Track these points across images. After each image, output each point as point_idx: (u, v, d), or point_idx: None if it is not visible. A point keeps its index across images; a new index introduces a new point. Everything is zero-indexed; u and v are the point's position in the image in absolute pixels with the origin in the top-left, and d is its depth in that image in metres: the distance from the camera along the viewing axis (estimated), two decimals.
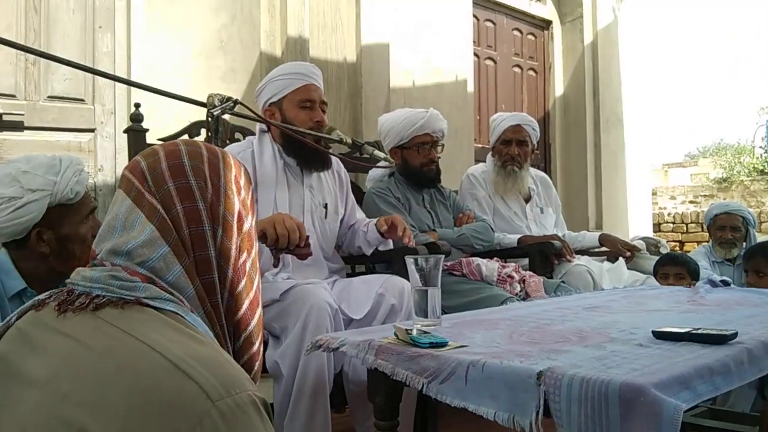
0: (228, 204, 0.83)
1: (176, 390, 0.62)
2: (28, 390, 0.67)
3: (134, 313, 0.71)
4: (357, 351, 1.26)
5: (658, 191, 10.95)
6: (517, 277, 2.34)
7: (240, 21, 3.20)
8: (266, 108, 2.04)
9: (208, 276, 0.80)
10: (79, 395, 0.63)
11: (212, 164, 0.84)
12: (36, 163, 1.43)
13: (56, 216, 1.42)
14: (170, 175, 0.81)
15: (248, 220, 0.87)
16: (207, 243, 0.80)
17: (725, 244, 3.26)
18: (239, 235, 0.84)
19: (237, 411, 0.62)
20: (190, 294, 0.77)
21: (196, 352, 0.66)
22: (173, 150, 0.84)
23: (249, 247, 0.86)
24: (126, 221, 0.79)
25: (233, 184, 0.85)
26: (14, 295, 1.40)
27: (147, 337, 0.67)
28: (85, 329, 0.69)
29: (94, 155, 2.78)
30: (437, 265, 1.38)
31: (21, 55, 2.57)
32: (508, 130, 2.93)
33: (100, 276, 0.74)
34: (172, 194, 0.80)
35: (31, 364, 0.69)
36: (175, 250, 0.77)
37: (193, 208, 0.80)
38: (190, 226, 0.79)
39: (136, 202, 0.80)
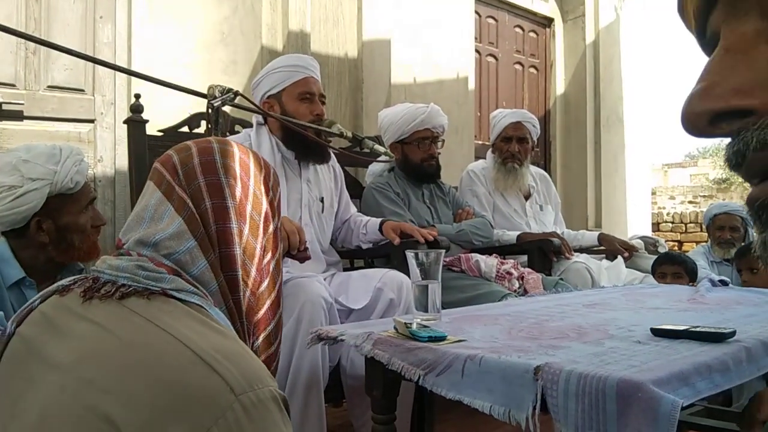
0: (256, 204, 0.84)
1: (200, 382, 0.62)
2: (51, 372, 0.67)
3: (160, 304, 0.71)
4: (355, 341, 1.27)
5: (658, 191, 10.96)
6: (516, 274, 2.34)
7: (242, 13, 3.19)
8: (265, 100, 2.03)
9: (232, 273, 0.81)
10: (105, 382, 0.63)
11: (243, 164, 0.85)
12: (36, 152, 1.43)
13: (56, 205, 1.42)
14: (202, 171, 0.82)
15: (274, 222, 0.87)
16: (233, 240, 0.81)
17: (724, 245, 3.26)
18: (265, 236, 0.85)
19: (259, 406, 0.63)
20: (213, 289, 0.78)
21: (221, 345, 0.67)
22: (206, 147, 0.85)
23: (273, 248, 0.87)
24: (155, 213, 0.80)
25: (262, 185, 0.86)
26: (13, 283, 1.40)
27: (172, 328, 0.67)
28: (110, 317, 0.70)
29: (93, 146, 2.77)
30: (438, 260, 1.37)
31: (21, 44, 2.56)
32: (508, 127, 2.93)
33: (127, 265, 0.75)
34: (202, 190, 0.81)
35: (55, 347, 0.70)
36: (201, 245, 0.78)
37: (221, 205, 0.81)
38: (218, 222, 0.80)
39: (166, 195, 0.81)
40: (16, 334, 0.74)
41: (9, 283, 1.40)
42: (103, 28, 2.79)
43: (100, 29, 2.78)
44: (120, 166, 2.78)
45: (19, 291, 1.41)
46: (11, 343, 0.74)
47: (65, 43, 2.14)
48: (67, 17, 2.69)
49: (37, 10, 2.60)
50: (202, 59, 3.03)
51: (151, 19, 2.88)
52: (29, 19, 2.58)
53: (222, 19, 3.12)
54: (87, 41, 2.74)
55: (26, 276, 1.42)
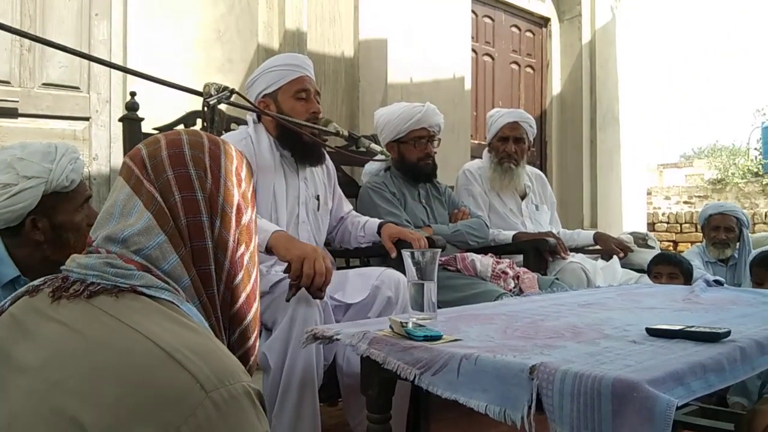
0: (227, 195, 0.82)
1: (169, 379, 0.61)
2: (20, 377, 0.66)
3: (129, 302, 0.70)
4: (351, 340, 1.26)
5: (653, 191, 10.98)
6: (512, 273, 2.34)
7: (238, 11, 3.18)
8: (260, 99, 2.02)
9: (205, 267, 0.79)
10: (71, 383, 0.62)
11: (213, 154, 0.83)
12: (31, 150, 1.42)
13: (51, 204, 1.41)
14: (170, 163, 0.80)
15: (248, 213, 0.86)
16: (204, 233, 0.79)
17: (719, 245, 3.27)
18: (237, 228, 0.83)
19: (231, 402, 0.62)
20: (185, 284, 0.77)
21: (191, 342, 0.66)
22: (174, 139, 0.83)
23: (248, 240, 0.85)
24: (124, 208, 0.79)
25: (234, 176, 0.84)
26: (8, 282, 1.39)
27: (141, 326, 0.66)
28: (78, 317, 0.69)
29: (88, 144, 2.76)
30: (434, 259, 1.37)
31: (16, 42, 2.55)
32: (505, 126, 2.93)
33: (95, 263, 0.74)
34: (170, 183, 0.79)
35: (24, 350, 0.68)
36: (171, 239, 0.77)
37: (191, 198, 0.79)
38: (188, 215, 0.79)
39: (134, 190, 0.79)
40: None
41: (4, 282, 1.39)
42: (99, 25, 2.78)
43: (95, 26, 2.77)
44: (115, 164, 2.77)
45: (14, 290, 1.38)
46: None
47: (60, 40, 2.14)
48: (63, 14, 2.67)
49: (32, 7, 2.59)
50: (198, 57, 3.03)
51: (146, 17, 2.87)
52: (24, 16, 2.57)
53: (218, 17, 3.11)
54: (82, 38, 2.73)
55: (21, 275, 1.41)
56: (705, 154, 17.74)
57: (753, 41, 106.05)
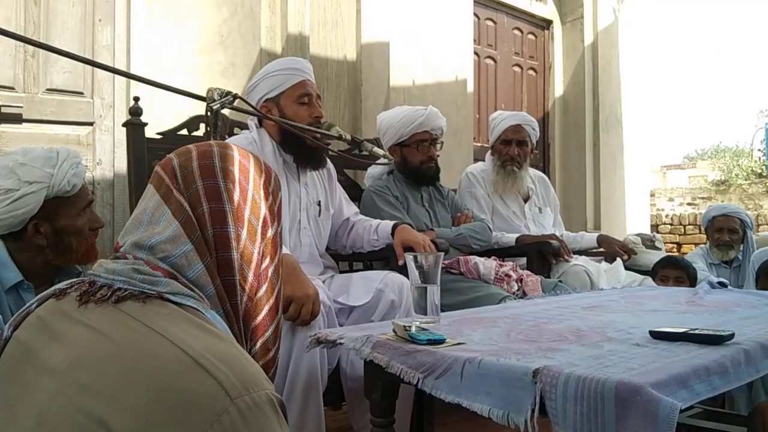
0: (254, 208, 0.84)
1: (195, 386, 0.62)
2: (46, 377, 0.67)
3: (155, 308, 0.71)
4: (354, 344, 1.26)
5: (656, 193, 10.96)
6: (515, 276, 2.34)
7: (241, 16, 3.19)
8: (262, 104, 2.02)
9: (230, 277, 0.80)
10: (99, 386, 0.63)
11: (243, 167, 0.85)
12: (33, 155, 1.42)
13: (53, 208, 1.42)
14: (200, 174, 0.82)
15: (273, 227, 0.87)
16: (230, 244, 0.80)
17: (723, 247, 3.26)
18: (263, 241, 0.84)
19: (255, 409, 0.62)
20: (210, 293, 0.78)
21: (216, 349, 0.66)
22: (205, 150, 0.85)
23: (272, 254, 0.86)
24: (152, 216, 0.80)
25: (261, 190, 0.86)
26: (11, 287, 1.40)
27: (168, 332, 0.67)
28: (106, 321, 0.69)
29: (92, 149, 2.77)
30: (437, 263, 1.37)
31: (20, 47, 2.56)
32: (508, 129, 2.92)
33: (123, 269, 0.75)
34: (200, 193, 0.81)
35: (51, 352, 0.69)
36: (198, 249, 0.78)
37: (219, 209, 0.80)
38: (215, 226, 0.80)
39: (164, 198, 0.81)
40: (13, 338, 0.74)
41: (7, 287, 1.39)
42: (102, 31, 2.79)
43: (99, 32, 2.78)
44: (119, 169, 2.77)
45: (17, 294, 1.41)
46: (8, 347, 0.74)
47: (64, 46, 2.15)
48: (66, 20, 2.69)
49: (36, 13, 2.60)
50: (201, 62, 3.03)
51: (149, 22, 2.88)
52: (28, 22, 2.58)
53: (221, 21, 3.12)
54: (86, 44, 2.74)
55: (24, 279, 1.41)
56: (708, 156, 17.71)
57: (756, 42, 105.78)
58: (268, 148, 2.01)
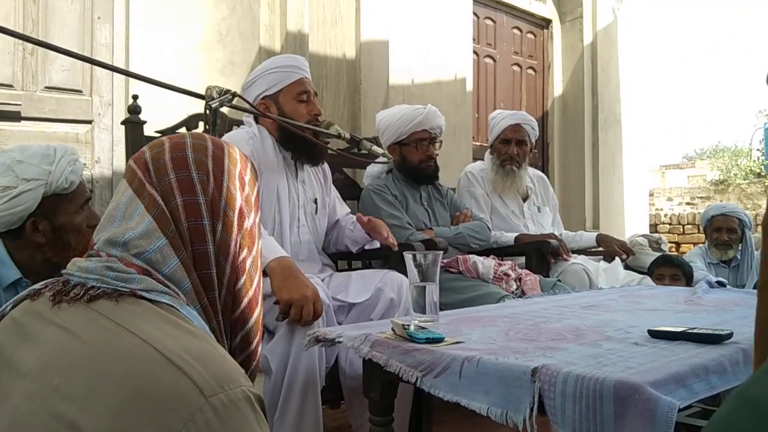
0: (230, 199, 0.82)
1: (169, 384, 0.61)
2: (20, 381, 0.66)
3: (129, 306, 0.70)
4: (353, 343, 1.26)
5: (655, 192, 10.97)
6: (514, 275, 2.34)
7: (239, 14, 3.19)
8: (260, 101, 2.01)
9: (206, 271, 0.79)
10: (70, 388, 0.62)
11: (217, 158, 0.83)
12: (30, 152, 1.42)
13: (51, 206, 1.42)
14: (173, 167, 0.80)
15: (250, 217, 0.85)
16: (206, 237, 0.79)
17: (721, 246, 3.27)
18: (240, 232, 0.83)
19: (231, 407, 0.62)
20: (186, 288, 0.76)
21: (190, 347, 0.66)
22: (178, 142, 0.83)
23: (250, 245, 0.85)
24: (126, 211, 0.78)
25: (237, 180, 0.84)
26: (9, 285, 1.40)
27: (141, 330, 0.66)
28: (78, 321, 0.68)
29: (91, 147, 2.77)
30: (435, 261, 1.37)
31: (19, 45, 2.56)
32: (507, 129, 2.92)
33: (96, 267, 0.74)
34: (172, 186, 0.79)
35: (24, 354, 0.68)
36: (172, 243, 0.76)
37: (193, 202, 0.79)
38: (189, 219, 0.78)
39: (137, 193, 0.79)
40: None
41: (5, 285, 1.39)
42: (101, 29, 2.79)
43: (97, 30, 2.78)
44: (117, 167, 2.77)
45: (16, 292, 1.40)
46: None
47: (63, 44, 2.14)
48: (65, 18, 2.68)
49: (35, 11, 2.60)
50: (200, 60, 3.03)
51: (148, 20, 2.87)
52: (27, 20, 2.58)
53: (220, 19, 3.12)
54: (85, 42, 2.73)
55: (22, 277, 1.41)
56: (707, 155, 17.74)
57: (756, 41, 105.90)
58: (268, 143, 2.01)
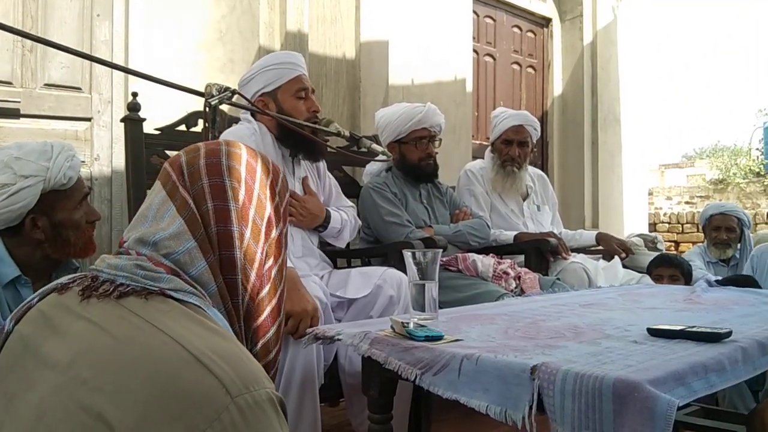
0: (259, 208, 0.84)
1: (196, 383, 0.62)
2: (47, 372, 0.67)
3: (157, 304, 0.71)
4: (352, 340, 1.26)
5: (655, 191, 10.97)
6: (513, 274, 2.34)
7: (239, 12, 3.18)
8: (258, 98, 2.00)
9: (232, 276, 0.80)
10: (99, 381, 0.63)
11: (250, 167, 0.85)
12: (28, 149, 1.42)
13: (50, 202, 1.42)
14: (206, 172, 0.82)
15: (278, 227, 0.87)
16: (233, 243, 0.80)
17: (720, 245, 3.27)
18: (266, 241, 0.84)
19: (255, 408, 0.62)
20: (212, 290, 0.78)
21: (217, 346, 0.66)
22: (214, 149, 0.85)
23: (276, 254, 0.86)
24: (157, 212, 0.80)
25: (268, 190, 0.85)
26: (8, 282, 1.40)
27: (169, 328, 0.67)
28: (108, 316, 0.69)
29: (90, 144, 2.76)
30: (435, 259, 1.37)
31: (18, 42, 2.56)
32: (510, 129, 2.91)
33: (126, 264, 0.75)
34: (205, 191, 0.81)
35: (52, 346, 0.69)
36: (201, 246, 0.78)
37: (223, 208, 0.81)
38: (219, 224, 0.80)
39: (169, 195, 0.81)
40: (14, 332, 0.74)
41: (4, 282, 1.39)
42: (101, 26, 2.78)
43: (97, 27, 2.77)
44: (117, 164, 2.77)
45: (15, 290, 1.41)
46: (9, 341, 0.74)
47: (62, 41, 2.14)
48: (64, 15, 2.68)
49: (34, 8, 2.59)
50: (200, 58, 3.03)
51: (148, 18, 2.87)
52: (26, 16, 2.57)
53: (219, 17, 3.11)
54: (84, 39, 2.73)
55: (21, 274, 1.41)
56: (707, 155, 17.74)
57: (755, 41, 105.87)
58: (268, 140, 2.01)
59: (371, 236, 2.49)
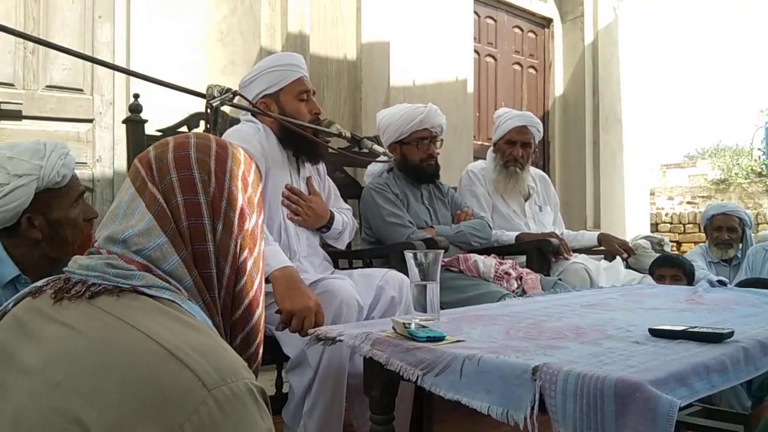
0: (231, 200, 0.82)
1: (171, 378, 0.61)
2: (22, 378, 0.67)
3: (130, 301, 0.71)
4: (354, 341, 1.26)
5: (656, 191, 10.96)
6: (514, 274, 2.34)
7: (240, 13, 3.19)
8: (260, 100, 2.00)
9: (206, 270, 0.79)
10: (74, 384, 0.63)
11: (219, 158, 0.83)
12: (21, 149, 1.43)
13: (45, 201, 1.42)
14: (175, 166, 0.81)
15: (252, 218, 0.85)
16: (206, 237, 0.79)
17: (722, 245, 3.27)
18: (240, 233, 0.83)
19: (233, 399, 0.62)
20: (188, 284, 0.77)
21: (192, 340, 0.66)
22: (182, 142, 0.84)
23: (251, 246, 0.85)
24: (127, 209, 0.79)
25: (239, 181, 0.84)
26: (8, 282, 1.40)
27: (142, 325, 0.66)
28: (80, 317, 0.69)
29: (92, 146, 2.77)
30: (436, 260, 1.37)
31: (20, 44, 2.56)
32: (513, 130, 2.90)
33: (96, 264, 0.74)
34: (174, 185, 0.79)
35: (26, 351, 0.69)
36: (172, 241, 0.77)
37: (193, 201, 0.79)
38: (190, 218, 0.79)
39: (138, 191, 0.80)
40: None
41: (4, 282, 1.39)
42: (102, 27, 2.79)
43: (98, 29, 2.78)
44: (118, 166, 2.77)
45: (15, 290, 1.40)
46: None
47: (64, 42, 2.14)
48: (66, 17, 2.68)
49: (36, 10, 2.60)
50: (201, 59, 3.03)
51: (149, 19, 2.87)
52: (28, 18, 2.58)
53: (221, 18, 3.12)
54: (86, 41, 2.73)
55: (21, 274, 1.41)
56: (708, 155, 17.73)
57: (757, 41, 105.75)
58: (273, 140, 2.01)
59: (372, 237, 2.49)
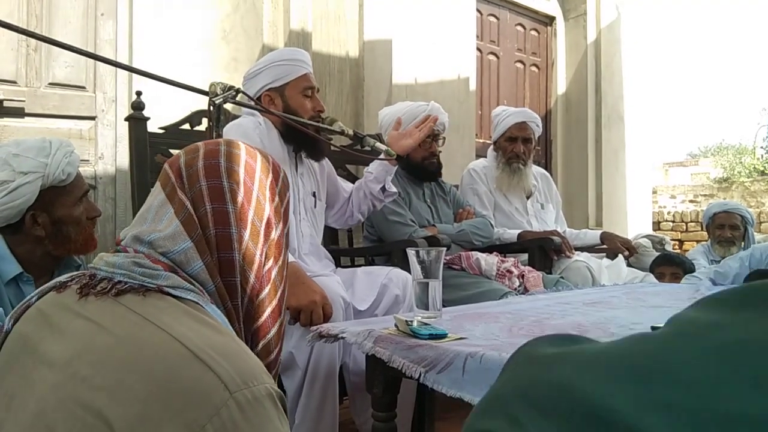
0: (258, 209, 0.83)
1: (194, 379, 0.62)
2: (46, 370, 0.67)
3: (155, 301, 0.71)
4: (356, 339, 1.27)
5: (659, 190, 10.95)
6: (516, 272, 2.34)
7: (243, 11, 3.19)
8: (265, 93, 2.00)
9: (231, 278, 0.80)
10: (98, 379, 0.63)
11: (249, 168, 0.84)
12: (26, 146, 1.43)
13: (49, 198, 1.42)
14: (204, 174, 0.81)
15: (278, 228, 0.86)
16: (232, 245, 0.80)
17: (724, 243, 3.26)
18: (266, 242, 0.83)
19: (254, 403, 0.62)
20: (211, 289, 0.77)
21: (216, 342, 0.66)
22: (212, 149, 0.84)
23: (276, 255, 0.85)
24: (156, 214, 0.80)
25: (267, 190, 0.85)
26: (10, 279, 1.40)
27: (167, 325, 0.67)
28: (106, 314, 0.69)
29: (94, 143, 2.77)
30: (438, 258, 1.37)
31: (22, 41, 2.56)
32: (513, 127, 2.91)
33: (123, 262, 0.75)
34: (203, 193, 0.80)
35: (51, 345, 0.69)
36: (197, 247, 0.77)
37: (221, 210, 0.80)
38: (217, 226, 0.79)
39: (168, 197, 0.81)
40: (13, 331, 0.74)
41: (6, 279, 1.39)
42: (105, 24, 2.79)
43: (101, 26, 2.78)
44: (121, 163, 2.78)
45: (17, 287, 1.41)
46: (8, 340, 0.74)
47: (66, 39, 2.14)
48: (69, 14, 2.68)
49: (39, 7, 2.60)
50: (204, 56, 3.03)
51: (152, 16, 2.87)
52: (30, 15, 2.58)
53: (223, 16, 3.12)
54: (88, 38, 2.73)
55: (23, 271, 1.42)
56: (711, 153, 17.70)
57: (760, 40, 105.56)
58: (274, 134, 2.01)
59: (375, 235, 2.49)
